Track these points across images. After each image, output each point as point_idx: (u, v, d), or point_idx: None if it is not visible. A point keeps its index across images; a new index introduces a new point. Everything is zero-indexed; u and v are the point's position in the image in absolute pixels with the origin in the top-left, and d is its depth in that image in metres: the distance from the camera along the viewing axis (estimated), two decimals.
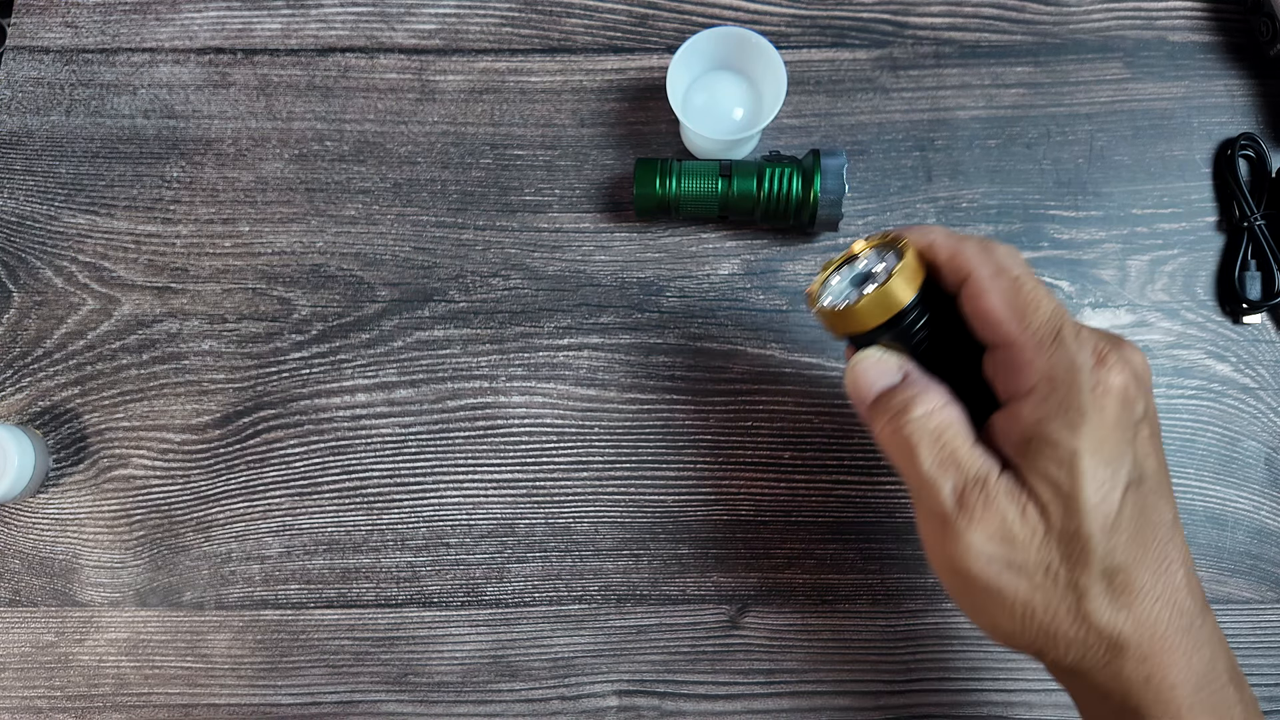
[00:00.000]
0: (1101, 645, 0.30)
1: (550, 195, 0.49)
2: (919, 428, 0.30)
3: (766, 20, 0.50)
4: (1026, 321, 0.30)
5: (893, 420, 0.31)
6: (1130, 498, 0.29)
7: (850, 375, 0.33)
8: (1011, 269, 0.31)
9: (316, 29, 0.51)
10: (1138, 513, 0.29)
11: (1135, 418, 0.30)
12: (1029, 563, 0.29)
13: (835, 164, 0.44)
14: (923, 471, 0.30)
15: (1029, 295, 0.30)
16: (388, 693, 0.45)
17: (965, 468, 0.30)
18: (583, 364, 0.47)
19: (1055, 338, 0.30)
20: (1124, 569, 0.29)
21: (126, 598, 0.46)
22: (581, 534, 0.46)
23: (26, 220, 0.49)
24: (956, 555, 0.29)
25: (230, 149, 0.49)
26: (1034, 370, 0.30)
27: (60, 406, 0.47)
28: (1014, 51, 0.50)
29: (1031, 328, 0.30)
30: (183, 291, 0.48)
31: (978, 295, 0.31)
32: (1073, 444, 0.29)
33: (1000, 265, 0.31)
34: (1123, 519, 0.29)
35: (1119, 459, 0.29)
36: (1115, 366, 0.29)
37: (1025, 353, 0.30)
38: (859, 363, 0.32)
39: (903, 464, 0.31)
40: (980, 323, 0.31)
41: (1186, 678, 0.30)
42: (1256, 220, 0.47)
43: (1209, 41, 0.50)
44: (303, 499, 0.46)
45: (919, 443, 0.30)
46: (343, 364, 0.47)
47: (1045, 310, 0.30)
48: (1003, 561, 0.29)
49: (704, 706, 0.44)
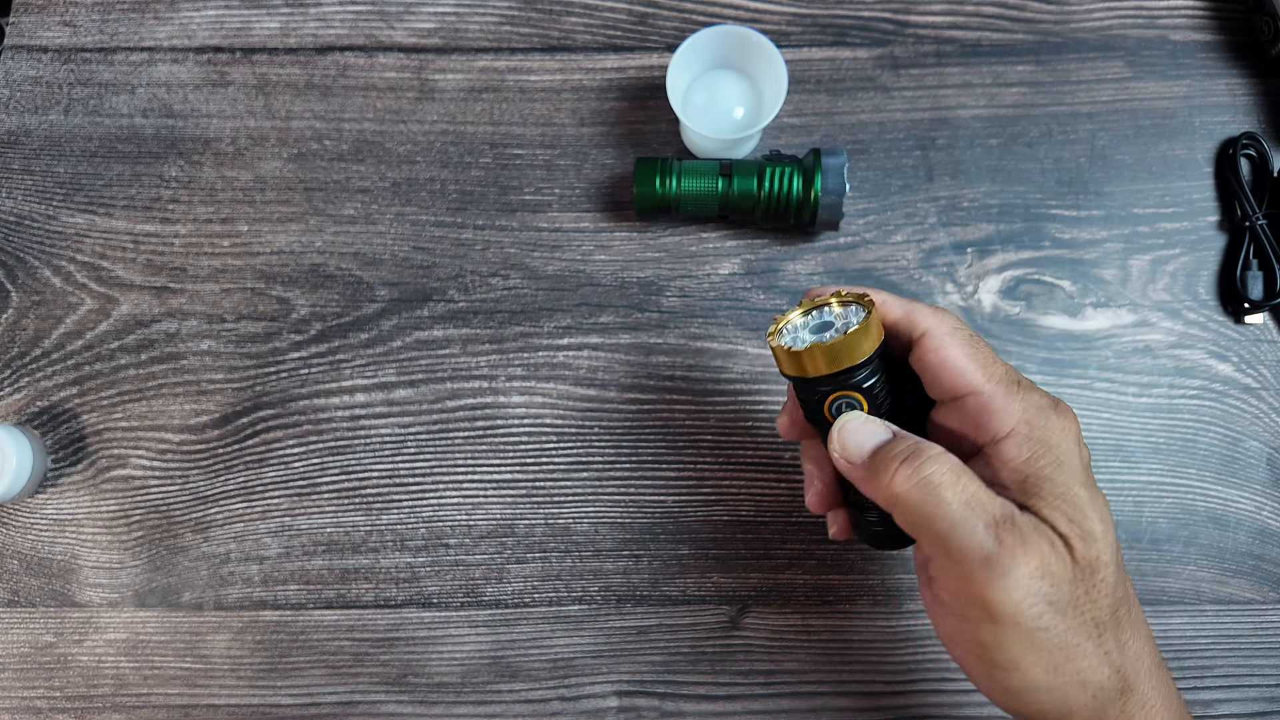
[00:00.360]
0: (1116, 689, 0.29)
1: (550, 195, 0.49)
2: (937, 471, 0.29)
3: (767, 19, 0.50)
4: (989, 372, 0.31)
5: (906, 469, 0.29)
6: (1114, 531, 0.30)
7: (839, 437, 0.32)
8: (962, 329, 0.32)
9: (315, 28, 0.50)
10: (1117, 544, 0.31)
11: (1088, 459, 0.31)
12: (1064, 599, 0.28)
13: (836, 163, 0.44)
14: (953, 514, 0.28)
15: (985, 352, 0.32)
16: (387, 693, 0.45)
17: (990, 507, 0.29)
18: (583, 364, 0.47)
19: (1018, 385, 0.31)
20: (1124, 603, 0.30)
21: (125, 598, 0.46)
22: (581, 534, 0.46)
23: (25, 220, 0.49)
24: (1002, 597, 0.28)
25: (229, 148, 0.49)
26: (1009, 414, 0.30)
27: (58, 406, 0.47)
28: (1015, 50, 0.50)
29: (995, 377, 0.31)
30: (181, 291, 0.48)
31: (939, 348, 0.32)
32: (1066, 479, 0.29)
33: (954, 325, 0.32)
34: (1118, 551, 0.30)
35: (1097, 492, 0.30)
36: (1066, 413, 0.31)
37: (996, 399, 0.31)
38: (846, 424, 0.32)
39: (926, 512, 0.29)
40: (942, 373, 0.32)
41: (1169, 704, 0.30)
42: (1258, 220, 0.47)
43: (1210, 40, 0.50)
44: (302, 499, 0.46)
45: (941, 485, 0.29)
46: (341, 364, 0.47)
47: (1001, 366, 0.32)
48: (1044, 600, 0.28)
49: (704, 707, 0.44)
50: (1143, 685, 0.29)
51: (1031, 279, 0.48)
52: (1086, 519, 0.29)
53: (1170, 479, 0.46)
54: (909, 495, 0.29)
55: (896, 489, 0.30)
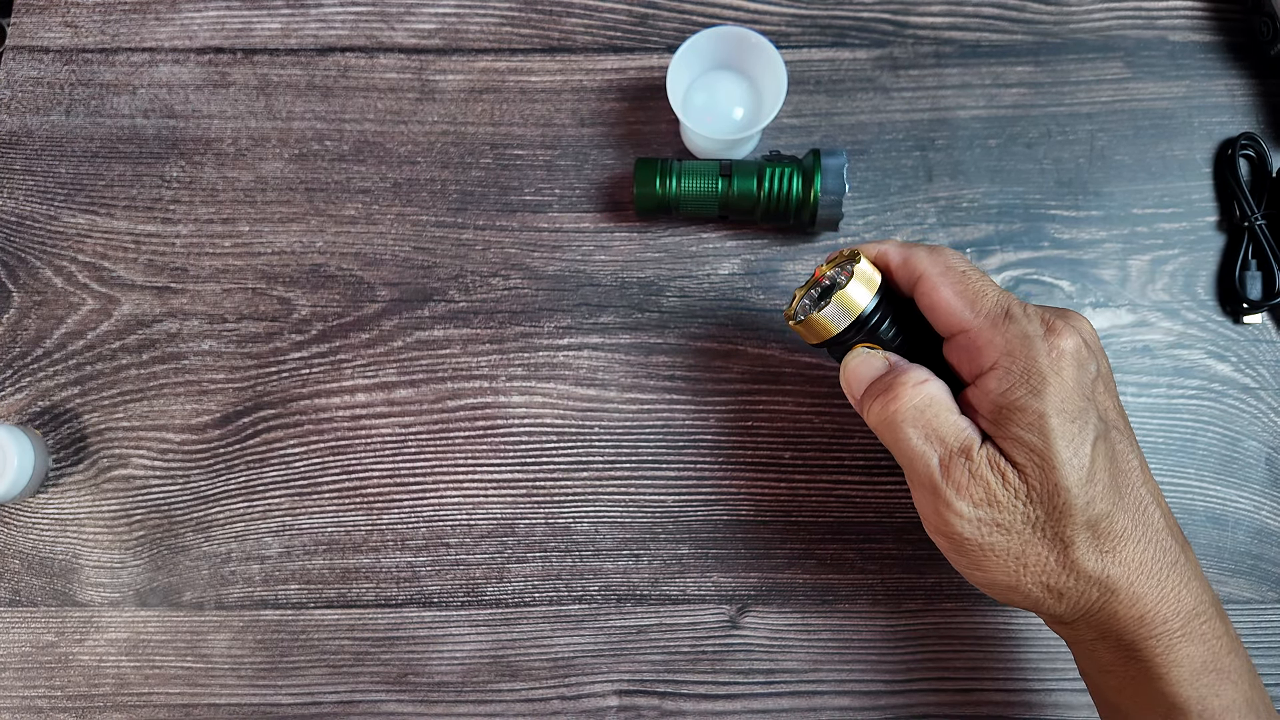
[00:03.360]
0: (1093, 591, 0.32)
1: (550, 195, 0.49)
2: (903, 406, 0.33)
3: (767, 20, 0.50)
4: (978, 307, 0.33)
5: (879, 402, 0.34)
6: (1100, 449, 0.31)
7: (843, 375, 0.36)
8: (958, 266, 0.34)
9: (316, 28, 0.51)
10: (1109, 462, 0.32)
11: (1090, 376, 0.32)
12: (1014, 521, 0.32)
13: (835, 164, 0.44)
14: (911, 447, 0.33)
15: (975, 285, 0.34)
16: (388, 693, 0.45)
17: (949, 440, 0.32)
18: (583, 364, 0.47)
19: (1006, 315, 0.33)
20: (1105, 516, 0.31)
21: (126, 598, 0.46)
22: (581, 534, 0.46)
23: (26, 220, 0.49)
24: (948, 520, 0.32)
25: (230, 149, 0.49)
26: (993, 348, 0.32)
27: (60, 406, 0.47)
28: (1014, 51, 0.50)
29: (983, 311, 0.33)
30: (182, 291, 0.48)
31: (931, 290, 0.34)
32: (1039, 407, 0.31)
33: (948, 264, 0.34)
34: (1096, 470, 0.31)
35: (1083, 415, 0.31)
36: (1064, 332, 0.32)
37: (982, 334, 0.33)
38: (848, 362, 0.36)
39: (892, 442, 0.34)
40: (936, 314, 0.34)
41: (1177, 611, 0.32)
42: (1257, 220, 0.47)
43: (1210, 41, 0.50)
44: (303, 499, 0.46)
45: (904, 421, 0.33)
46: (342, 364, 0.47)
47: (992, 295, 0.33)
48: (990, 523, 0.32)
49: (704, 706, 0.44)
50: (1138, 587, 0.32)
51: (1031, 279, 0.48)
52: (1051, 445, 0.31)
53: (1169, 479, 0.46)
54: (879, 427, 0.34)
55: (871, 420, 0.34)
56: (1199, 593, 0.33)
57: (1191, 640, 0.32)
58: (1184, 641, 0.32)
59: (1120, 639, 0.33)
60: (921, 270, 0.34)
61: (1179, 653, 0.32)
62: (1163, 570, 0.32)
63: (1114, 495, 0.32)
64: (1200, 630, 0.32)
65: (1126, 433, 0.34)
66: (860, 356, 0.36)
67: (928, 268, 0.34)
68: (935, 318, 0.34)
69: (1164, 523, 0.33)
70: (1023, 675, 0.45)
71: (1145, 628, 0.32)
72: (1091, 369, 0.32)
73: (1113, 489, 0.32)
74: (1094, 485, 0.31)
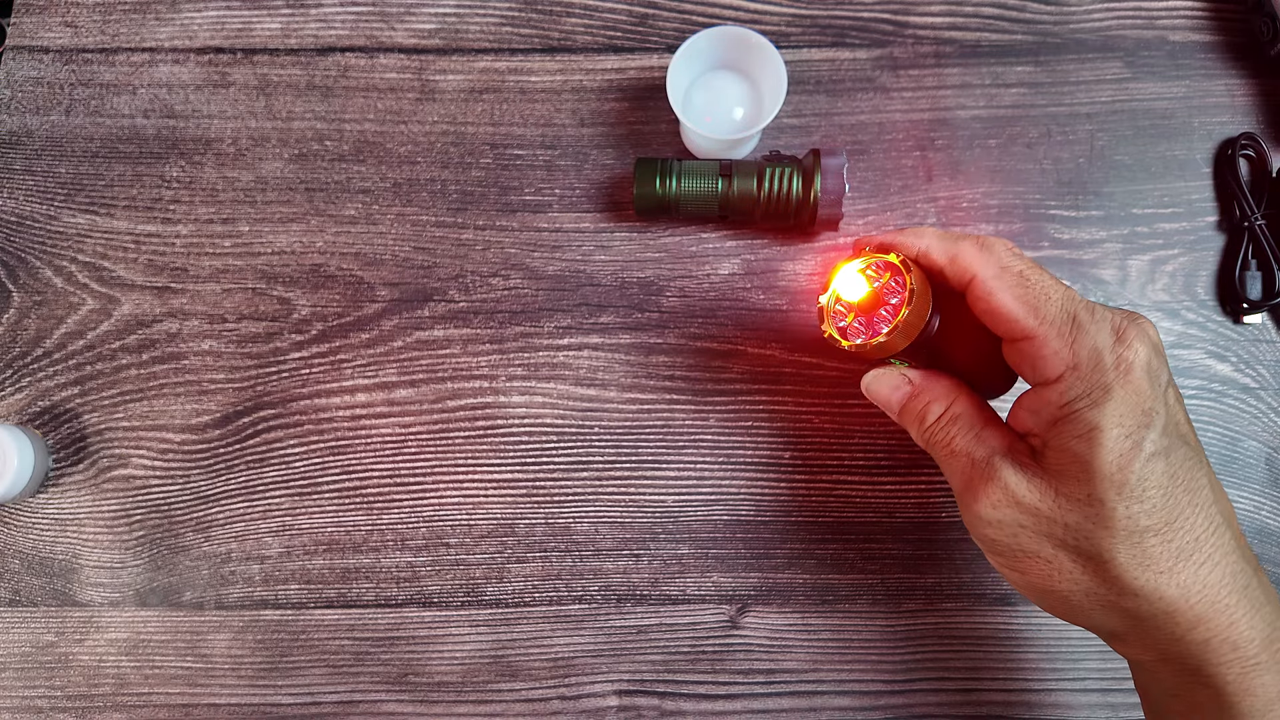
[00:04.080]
0: (1145, 608, 0.31)
1: (550, 195, 0.49)
2: (936, 429, 0.35)
3: (767, 20, 0.50)
4: (1042, 314, 0.31)
5: (913, 429, 0.36)
6: (1156, 464, 0.30)
7: (868, 392, 0.37)
8: (1013, 265, 0.32)
9: (316, 28, 0.51)
10: (1167, 480, 0.30)
11: (1161, 386, 0.31)
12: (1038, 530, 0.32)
13: (835, 164, 0.44)
14: (942, 463, 0.35)
15: (1037, 288, 0.32)
16: (388, 692, 0.45)
17: (975, 454, 0.33)
18: (583, 364, 0.47)
19: (1073, 324, 0.31)
20: (1154, 532, 0.30)
21: (126, 598, 0.46)
22: (581, 534, 0.46)
23: (26, 220, 0.49)
24: (972, 523, 0.34)
25: (230, 149, 0.49)
26: (1059, 360, 0.31)
27: (60, 406, 0.47)
28: (1014, 51, 0.50)
29: (1048, 319, 0.31)
30: (182, 291, 0.48)
31: (988, 295, 0.32)
32: (1096, 419, 0.30)
33: (1002, 263, 0.32)
34: (1147, 486, 0.30)
35: (1142, 429, 0.30)
36: (1135, 341, 0.31)
37: (1048, 344, 0.31)
38: (871, 382, 0.37)
39: (931, 453, 0.36)
40: (995, 320, 0.33)
41: (1250, 638, 0.31)
42: (1257, 220, 0.47)
43: (1210, 41, 0.50)
44: (303, 499, 0.46)
45: (935, 443, 0.35)
46: (342, 364, 0.47)
47: (1056, 300, 0.31)
48: (1014, 524, 0.32)
49: (704, 706, 0.44)
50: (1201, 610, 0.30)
51: None
52: (1097, 459, 0.30)
53: None
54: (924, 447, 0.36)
55: (915, 438, 0.36)
56: (1273, 619, 0.31)
57: (1266, 670, 0.31)
58: (1257, 671, 0.31)
59: (1184, 663, 0.32)
60: (974, 272, 0.33)
61: (1252, 681, 0.31)
62: (1232, 595, 0.31)
63: (1169, 513, 0.30)
64: (1277, 659, 0.31)
65: (1197, 449, 0.32)
66: (880, 378, 0.36)
67: (981, 269, 0.32)
68: (994, 323, 0.33)
69: (1236, 546, 0.31)
70: (1023, 675, 0.45)
71: (1213, 653, 0.31)
72: (1162, 379, 0.31)
73: (1168, 506, 0.30)
74: (1141, 501, 0.30)
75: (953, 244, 0.33)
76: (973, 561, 0.46)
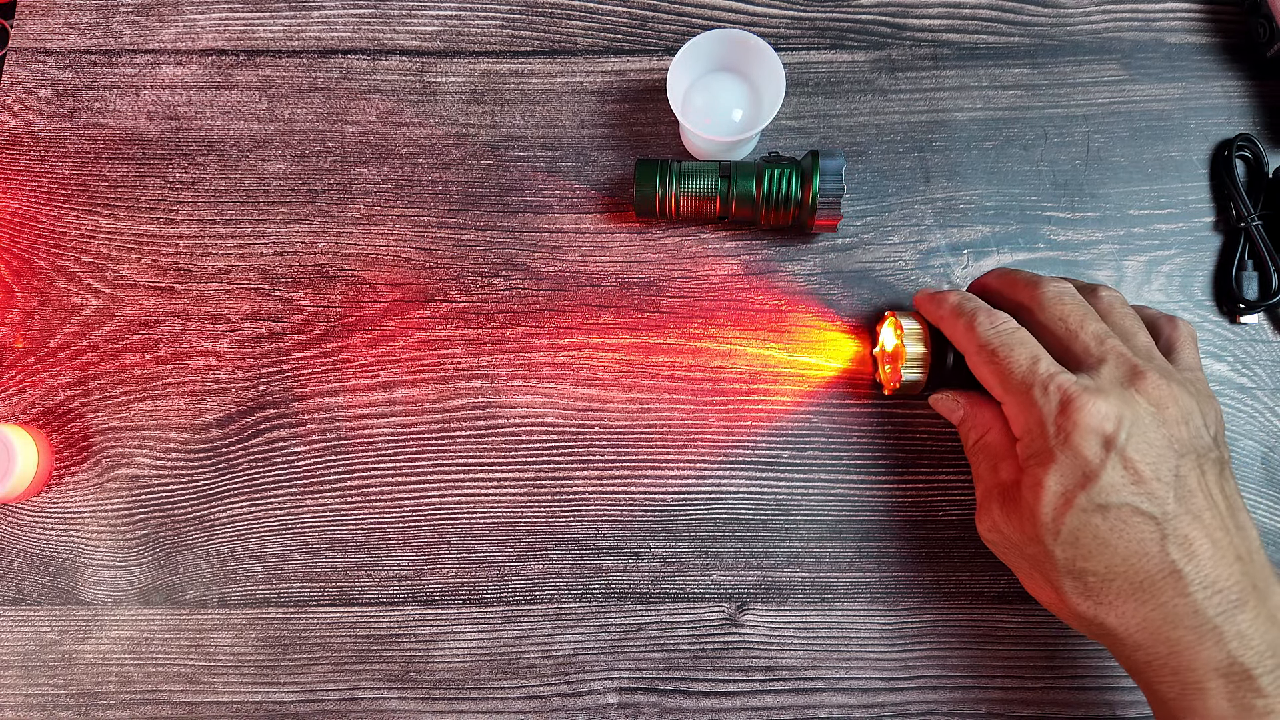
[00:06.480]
0: (1092, 629, 0.37)
1: (551, 196, 0.49)
2: (970, 452, 0.41)
3: (766, 22, 0.51)
4: (1007, 385, 0.37)
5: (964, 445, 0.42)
6: (1090, 519, 0.35)
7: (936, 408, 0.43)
8: (989, 343, 0.38)
9: (318, 31, 0.51)
10: (1108, 532, 0.35)
11: (1112, 447, 0.35)
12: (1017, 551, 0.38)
13: (834, 165, 0.44)
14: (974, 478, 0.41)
15: (1005, 364, 0.37)
16: (390, 690, 0.45)
17: (985, 481, 0.40)
18: (583, 364, 0.47)
19: (1027, 394, 0.36)
20: (1092, 573, 0.35)
21: (129, 596, 0.46)
22: (582, 532, 0.46)
23: (30, 221, 0.49)
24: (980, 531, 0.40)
25: (233, 150, 0.50)
26: (1016, 424, 0.37)
27: (63, 406, 0.47)
28: (1011, 53, 0.50)
29: (1011, 389, 0.37)
30: (185, 292, 0.48)
31: (973, 369, 0.39)
32: (1040, 476, 0.36)
33: (979, 343, 0.38)
34: (1080, 536, 0.35)
35: (1078, 489, 0.35)
36: (1076, 415, 0.35)
37: (1009, 410, 0.38)
38: (936, 403, 0.43)
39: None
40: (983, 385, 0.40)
41: (1192, 666, 0.34)
42: (1253, 221, 0.47)
43: (1206, 43, 0.50)
44: (305, 498, 0.47)
45: (971, 462, 0.41)
46: (345, 364, 0.47)
47: (1017, 373, 0.37)
48: (1000, 546, 0.40)
49: (704, 703, 0.45)
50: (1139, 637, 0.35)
51: None
52: (1038, 508, 0.36)
53: None
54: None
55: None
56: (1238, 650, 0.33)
57: (1210, 695, 0.33)
58: (1201, 694, 0.34)
59: (1138, 677, 0.36)
60: (962, 350, 0.40)
61: (1193, 702, 0.34)
62: (1177, 630, 0.34)
63: (1108, 558, 0.35)
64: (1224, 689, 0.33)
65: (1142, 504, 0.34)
66: (939, 400, 0.43)
67: (963, 346, 0.40)
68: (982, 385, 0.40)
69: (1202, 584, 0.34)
70: (1020, 673, 0.45)
71: (1154, 674, 0.35)
72: (1118, 439, 0.34)
73: (1106, 554, 0.35)
74: (1075, 547, 0.35)
75: (949, 321, 0.41)
76: (971, 560, 0.46)
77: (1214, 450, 0.36)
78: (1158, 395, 0.35)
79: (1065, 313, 0.38)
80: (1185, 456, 0.35)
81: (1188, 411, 0.36)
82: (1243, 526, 0.35)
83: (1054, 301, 0.39)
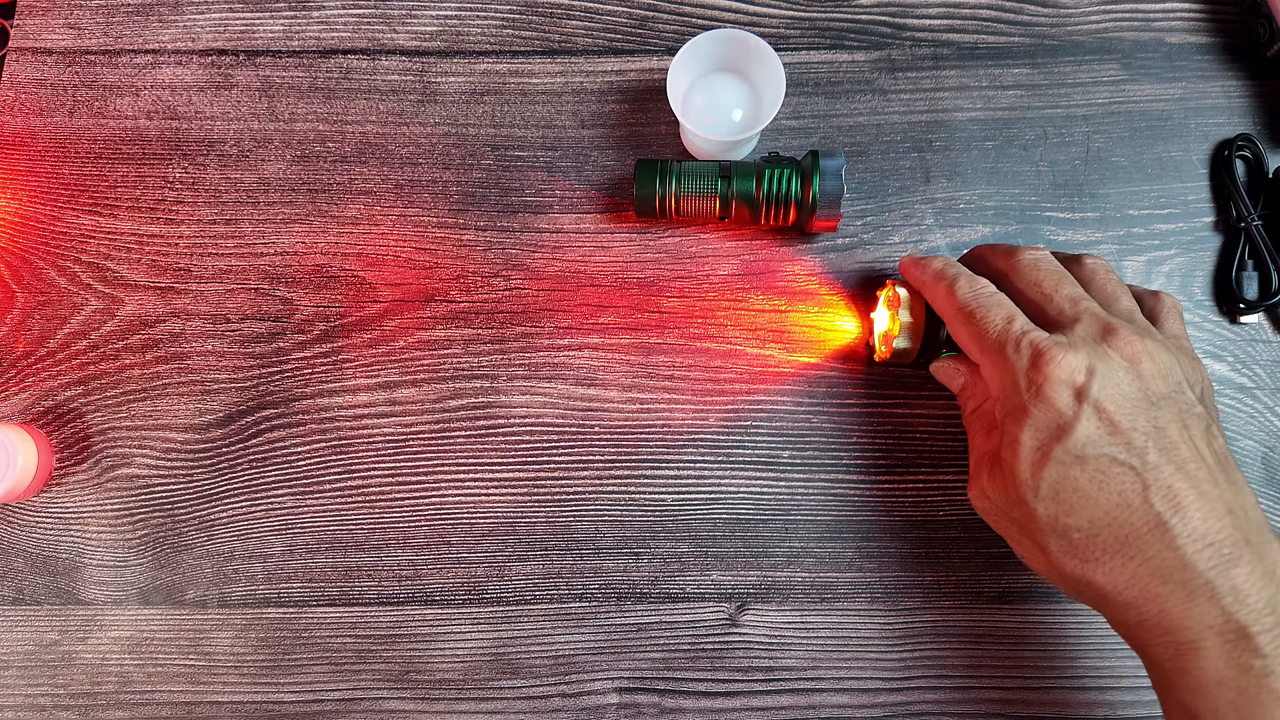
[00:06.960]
0: (1083, 591, 0.36)
1: (551, 196, 0.49)
2: (967, 419, 0.41)
3: (766, 22, 0.51)
4: (982, 345, 0.38)
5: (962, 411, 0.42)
6: (1070, 471, 0.34)
7: (934, 374, 0.44)
8: (967, 305, 0.39)
9: (318, 31, 0.51)
10: (1088, 484, 0.34)
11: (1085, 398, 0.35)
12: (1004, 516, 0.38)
13: (834, 165, 0.44)
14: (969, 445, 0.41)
15: (981, 324, 0.38)
16: (389, 690, 0.45)
17: (979, 448, 0.40)
18: (583, 364, 0.48)
19: (1001, 354, 0.37)
20: (1076, 529, 0.35)
21: (129, 596, 0.46)
22: (582, 532, 0.46)
23: (30, 221, 0.49)
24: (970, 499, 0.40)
25: (233, 150, 0.50)
26: (994, 384, 0.38)
27: (63, 406, 0.47)
28: (1011, 53, 0.50)
29: (986, 349, 0.38)
30: (186, 291, 0.48)
31: (951, 331, 0.40)
32: (1016, 432, 0.36)
33: (959, 305, 0.39)
34: (1060, 490, 0.35)
35: (1053, 441, 0.35)
36: (1050, 363, 0.35)
37: (986, 370, 0.38)
38: (936, 369, 0.43)
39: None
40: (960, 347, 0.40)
41: (1185, 624, 0.33)
42: (1253, 221, 0.47)
43: (1206, 43, 0.50)
44: (305, 498, 0.47)
45: (967, 429, 0.41)
46: (345, 364, 0.47)
47: (992, 333, 0.37)
48: (987, 511, 0.39)
49: (704, 703, 0.45)
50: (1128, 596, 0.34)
51: None
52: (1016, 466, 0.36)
53: None
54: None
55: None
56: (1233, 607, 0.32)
57: (1205, 655, 0.32)
58: (1194, 654, 0.33)
59: (1132, 640, 0.35)
60: (941, 313, 0.41)
61: (1186, 663, 0.33)
62: (1167, 585, 0.33)
63: (1091, 512, 0.34)
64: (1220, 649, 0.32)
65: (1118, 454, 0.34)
66: (940, 367, 0.43)
67: (944, 310, 0.40)
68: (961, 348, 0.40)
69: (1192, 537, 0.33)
70: (1020, 673, 0.45)
71: (1146, 634, 0.34)
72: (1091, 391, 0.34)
73: (1089, 507, 0.34)
74: (1056, 503, 0.35)
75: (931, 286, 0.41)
76: (971, 560, 0.46)
77: (1198, 407, 0.36)
78: (1130, 350, 0.35)
79: (1040, 277, 0.39)
80: (1163, 409, 0.35)
81: (1166, 367, 0.35)
82: (1235, 482, 0.35)
83: (1030, 267, 0.40)
